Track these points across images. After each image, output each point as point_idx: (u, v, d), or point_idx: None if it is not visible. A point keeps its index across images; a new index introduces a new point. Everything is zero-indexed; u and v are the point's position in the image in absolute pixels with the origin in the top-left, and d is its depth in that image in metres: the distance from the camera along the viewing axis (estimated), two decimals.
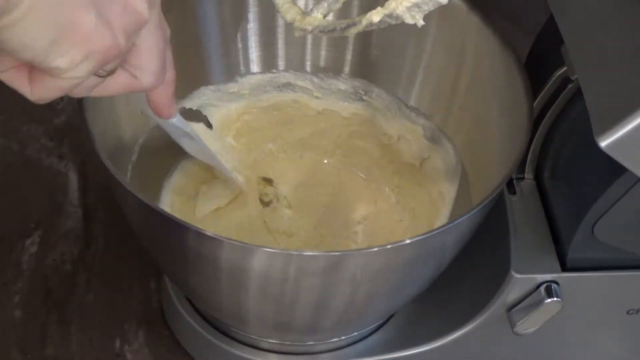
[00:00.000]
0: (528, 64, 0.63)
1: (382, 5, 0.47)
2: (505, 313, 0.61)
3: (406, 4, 0.46)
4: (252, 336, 0.63)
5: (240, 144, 0.71)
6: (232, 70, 0.69)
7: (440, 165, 0.68)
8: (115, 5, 0.38)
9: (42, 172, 0.79)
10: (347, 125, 0.72)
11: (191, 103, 0.68)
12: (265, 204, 0.70)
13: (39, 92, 0.40)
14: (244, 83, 0.70)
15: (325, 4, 0.55)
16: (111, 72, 0.42)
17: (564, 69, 0.58)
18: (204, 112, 0.69)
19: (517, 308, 0.61)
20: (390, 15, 0.47)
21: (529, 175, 0.64)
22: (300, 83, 0.71)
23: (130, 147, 0.63)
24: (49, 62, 0.37)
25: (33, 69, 0.39)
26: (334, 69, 0.70)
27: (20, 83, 0.40)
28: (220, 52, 0.68)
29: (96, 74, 0.41)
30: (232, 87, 0.69)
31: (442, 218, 0.66)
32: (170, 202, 0.67)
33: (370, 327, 0.64)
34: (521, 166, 0.63)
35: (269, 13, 0.68)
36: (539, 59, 0.64)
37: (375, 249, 0.51)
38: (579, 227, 0.56)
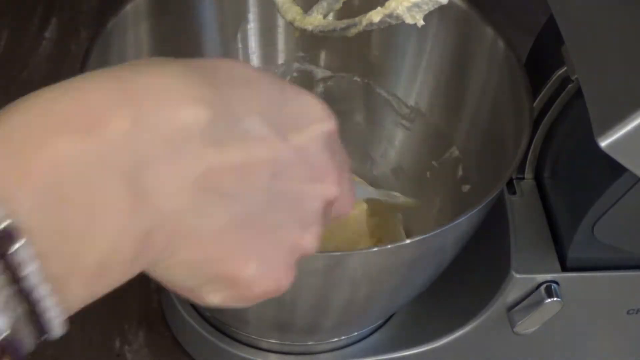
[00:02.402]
0: (528, 64, 0.63)
1: (382, 5, 0.47)
2: (505, 313, 0.61)
3: (406, 4, 0.46)
4: (252, 336, 0.63)
5: None
6: None
7: None
8: (281, 251, 0.36)
9: None
10: None
11: None
12: None
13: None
14: None
15: (325, 4, 0.55)
16: None
17: (564, 69, 0.58)
18: None
19: (517, 308, 0.61)
20: (390, 15, 0.47)
21: (529, 175, 0.64)
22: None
23: None
24: (202, 297, 0.37)
25: None
26: (333, 69, 0.70)
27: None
28: (220, 52, 0.68)
29: None
30: None
31: None
32: None
33: (370, 327, 0.64)
34: (521, 166, 0.63)
35: (269, 13, 0.67)
36: (539, 59, 0.64)
37: (375, 249, 0.51)
38: (579, 227, 0.56)
